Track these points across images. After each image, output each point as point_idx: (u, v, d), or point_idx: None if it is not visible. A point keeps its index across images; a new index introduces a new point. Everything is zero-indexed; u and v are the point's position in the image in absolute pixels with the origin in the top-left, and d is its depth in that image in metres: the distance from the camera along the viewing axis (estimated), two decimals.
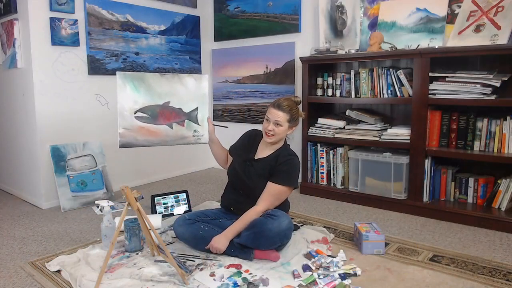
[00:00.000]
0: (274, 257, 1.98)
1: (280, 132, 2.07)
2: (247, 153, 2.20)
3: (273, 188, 2.06)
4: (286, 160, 2.08)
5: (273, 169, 2.08)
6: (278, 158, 2.10)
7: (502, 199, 2.51)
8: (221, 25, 4.06)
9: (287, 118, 2.06)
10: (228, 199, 2.25)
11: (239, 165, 2.18)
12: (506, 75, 2.45)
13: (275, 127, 2.06)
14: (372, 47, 2.85)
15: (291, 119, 2.08)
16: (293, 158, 2.12)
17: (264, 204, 2.05)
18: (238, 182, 2.18)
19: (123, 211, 1.79)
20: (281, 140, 2.16)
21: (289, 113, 2.07)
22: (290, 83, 3.62)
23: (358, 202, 2.98)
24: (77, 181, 3.02)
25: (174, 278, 1.81)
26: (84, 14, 3.12)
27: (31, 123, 2.99)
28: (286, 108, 2.06)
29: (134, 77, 2.03)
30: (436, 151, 2.65)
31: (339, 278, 1.79)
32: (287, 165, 2.08)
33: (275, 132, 2.06)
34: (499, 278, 1.80)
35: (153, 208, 2.73)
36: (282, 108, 2.06)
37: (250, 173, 2.13)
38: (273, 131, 2.06)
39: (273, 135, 2.07)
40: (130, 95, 2.02)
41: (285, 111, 2.06)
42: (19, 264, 2.04)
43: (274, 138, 2.08)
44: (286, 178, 2.07)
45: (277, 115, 2.05)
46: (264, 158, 2.14)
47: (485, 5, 2.56)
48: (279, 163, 2.08)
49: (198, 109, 2.14)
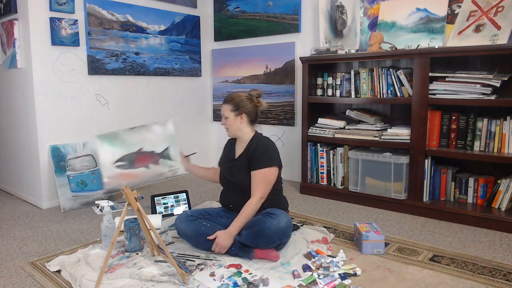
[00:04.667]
0: (273, 257, 1.98)
1: (230, 123, 2.16)
2: (230, 155, 2.29)
3: (257, 175, 2.08)
4: (257, 146, 2.13)
5: (250, 159, 2.12)
6: (250, 148, 2.15)
7: (502, 199, 2.51)
8: (221, 25, 4.06)
9: (229, 108, 2.15)
10: (225, 198, 2.31)
11: (225, 170, 2.27)
12: (506, 75, 2.45)
13: (224, 120, 2.18)
14: (372, 47, 2.85)
15: (235, 108, 2.15)
16: (263, 142, 2.16)
17: (257, 193, 2.05)
18: (227, 184, 2.26)
19: (123, 211, 1.79)
20: (246, 132, 2.19)
21: (231, 103, 2.15)
22: (290, 83, 3.62)
23: (358, 202, 2.98)
24: (77, 181, 3.02)
25: (174, 278, 1.81)
26: (84, 14, 3.12)
27: (31, 123, 2.99)
28: (228, 99, 2.18)
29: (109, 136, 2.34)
30: (436, 151, 2.65)
31: (339, 278, 1.78)
32: (260, 149, 2.12)
33: (226, 125, 2.18)
34: (499, 278, 1.80)
35: (153, 208, 2.73)
36: (224, 100, 2.19)
37: (233, 172, 2.20)
38: (225, 124, 2.18)
39: (227, 129, 2.19)
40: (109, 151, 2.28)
41: (227, 103, 2.17)
42: (19, 264, 2.04)
43: (228, 131, 2.20)
44: (264, 160, 2.09)
45: (222, 109, 2.19)
46: (241, 153, 2.20)
47: (485, 5, 2.56)
48: (252, 151, 2.12)
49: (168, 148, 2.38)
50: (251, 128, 2.21)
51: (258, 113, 2.22)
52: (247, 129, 2.19)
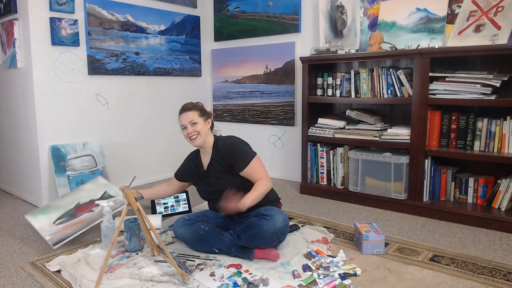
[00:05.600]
0: (273, 256, 1.98)
1: (201, 128, 2.10)
2: (198, 171, 2.23)
3: (248, 171, 2.08)
4: (227, 149, 2.10)
5: (228, 163, 2.09)
6: (218, 152, 2.13)
7: (502, 199, 2.51)
8: (221, 25, 4.06)
9: (197, 114, 2.12)
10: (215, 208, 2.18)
11: (201, 185, 2.23)
12: (506, 75, 2.45)
13: (194, 127, 2.10)
14: (372, 47, 2.85)
15: (202, 113, 2.14)
16: (229, 141, 2.15)
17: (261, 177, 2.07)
18: (210, 195, 2.21)
19: (123, 211, 1.79)
20: (210, 138, 2.17)
21: (196, 109, 2.13)
22: (290, 83, 3.62)
23: (358, 202, 2.98)
24: (77, 181, 3.02)
25: (174, 278, 1.81)
26: (84, 14, 3.12)
27: (31, 123, 2.99)
28: (191, 106, 2.14)
29: (40, 210, 2.42)
30: (436, 151, 2.65)
31: (339, 278, 1.78)
32: (232, 150, 2.10)
33: (197, 131, 2.09)
34: (499, 278, 1.80)
35: (153, 208, 2.73)
36: (187, 109, 2.13)
37: (212, 183, 2.16)
38: (194, 131, 2.09)
39: (197, 135, 2.10)
40: (44, 219, 2.34)
41: (192, 109, 2.12)
42: (19, 264, 2.04)
43: (200, 137, 2.11)
44: (243, 157, 2.08)
45: (187, 117, 2.10)
46: (210, 161, 2.17)
47: (485, 5, 2.56)
48: (226, 155, 2.09)
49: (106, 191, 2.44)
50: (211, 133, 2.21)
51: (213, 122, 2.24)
52: (211, 135, 2.19)
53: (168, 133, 3.86)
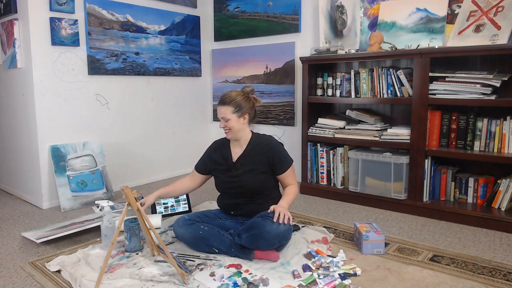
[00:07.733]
0: (274, 257, 1.98)
1: (233, 125, 2.09)
2: (225, 161, 2.19)
3: (286, 175, 2.16)
4: (271, 148, 2.14)
5: (268, 162, 2.12)
6: (261, 149, 2.14)
7: (502, 199, 2.51)
8: (221, 25, 4.06)
9: (231, 110, 2.08)
10: (225, 204, 2.22)
11: (226, 176, 2.17)
12: (506, 75, 2.45)
13: (226, 122, 2.09)
14: (372, 47, 2.85)
15: (237, 109, 2.09)
16: (274, 142, 2.19)
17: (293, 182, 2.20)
18: (234, 191, 2.16)
19: (123, 211, 1.79)
20: (246, 132, 2.17)
21: (232, 104, 2.08)
22: (290, 83, 3.62)
23: (358, 202, 2.98)
24: (77, 181, 3.02)
25: (174, 278, 1.81)
26: (84, 14, 3.12)
27: (31, 123, 2.99)
28: (227, 100, 2.09)
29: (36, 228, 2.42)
30: (436, 151, 2.65)
31: (339, 278, 1.78)
32: (276, 151, 2.14)
33: (229, 127, 2.09)
34: (499, 278, 1.80)
35: (153, 208, 2.73)
36: (223, 102, 2.10)
37: (238, 175, 2.13)
38: (226, 127, 2.10)
39: (229, 130, 2.11)
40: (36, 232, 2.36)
41: (227, 104, 2.08)
42: (19, 264, 2.04)
43: (231, 133, 2.11)
44: (286, 160, 2.17)
45: (220, 111, 2.10)
46: (242, 154, 2.16)
47: (485, 5, 2.56)
48: (268, 153, 2.12)
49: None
50: (250, 127, 2.20)
51: (256, 111, 2.21)
52: (248, 129, 2.18)
53: (168, 133, 3.86)
